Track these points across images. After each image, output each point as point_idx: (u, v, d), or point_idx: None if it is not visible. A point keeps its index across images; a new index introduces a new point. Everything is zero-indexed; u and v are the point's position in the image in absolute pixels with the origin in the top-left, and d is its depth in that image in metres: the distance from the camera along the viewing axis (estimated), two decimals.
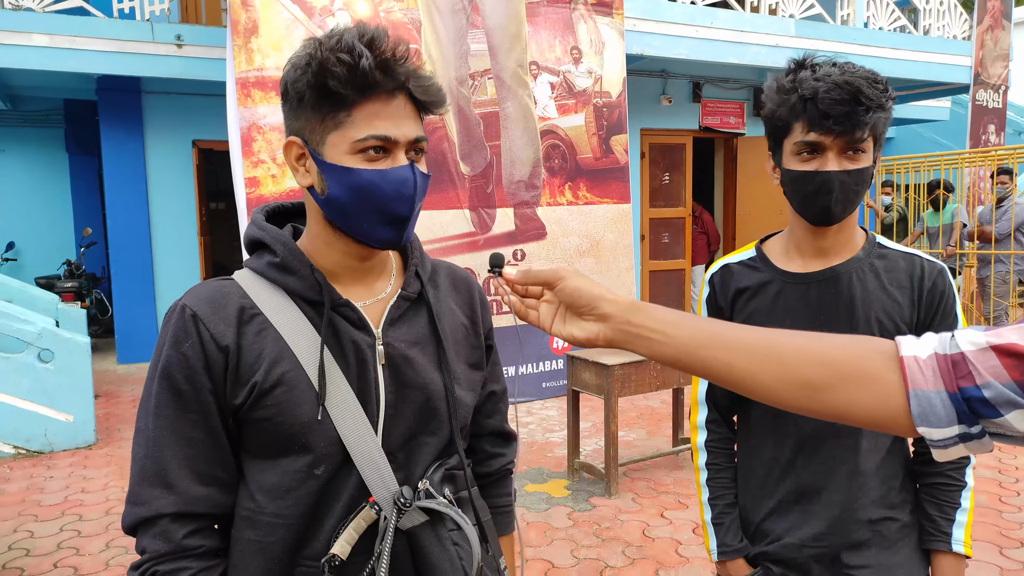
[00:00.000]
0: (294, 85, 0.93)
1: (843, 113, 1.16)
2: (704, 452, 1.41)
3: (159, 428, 0.94)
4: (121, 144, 7.45)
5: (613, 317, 0.84)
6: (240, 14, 5.09)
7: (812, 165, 1.22)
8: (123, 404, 6.07)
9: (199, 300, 0.96)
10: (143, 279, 7.65)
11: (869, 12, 8.83)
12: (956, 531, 1.30)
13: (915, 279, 1.30)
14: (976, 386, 0.66)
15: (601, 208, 6.44)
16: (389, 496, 0.96)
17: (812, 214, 1.26)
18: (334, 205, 0.95)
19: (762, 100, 1.30)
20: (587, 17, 6.43)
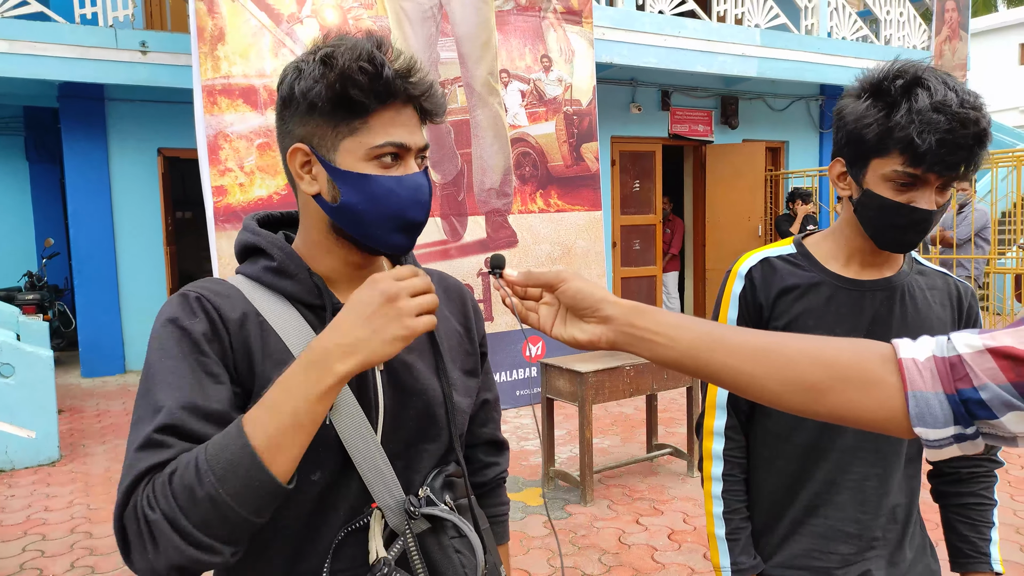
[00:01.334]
0: (305, 92, 0.90)
1: (964, 158, 1.09)
2: (721, 461, 1.32)
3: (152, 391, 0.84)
4: (84, 152, 7.29)
5: (616, 319, 0.84)
6: (206, 21, 5.02)
7: (905, 197, 1.14)
8: (87, 419, 5.92)
9: (204, 288, 0.93)
10: (107, 290, 7.49)
11: (832, 22, 9.03)
12: (993, 550, 1.31)
13: (954, 299, 1.30)
14: (973, 388, 0.67)
15: (572, 215, 6.47)
16: (393, 503, 0.95)
17: (889, 243, 1.19)
18: (347, 212, 0.93)
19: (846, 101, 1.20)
20: (557, 26, 6.46)
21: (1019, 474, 4.29)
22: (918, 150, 1.08)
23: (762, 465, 1.33)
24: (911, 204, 1.13)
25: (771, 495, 1.32)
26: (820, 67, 8.76)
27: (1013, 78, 21.45)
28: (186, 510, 0.76)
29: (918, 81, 1.10)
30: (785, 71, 8.54)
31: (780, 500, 1.31)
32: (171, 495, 0.77)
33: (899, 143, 1.10)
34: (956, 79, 1.12)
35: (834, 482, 1.27)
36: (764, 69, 8.36)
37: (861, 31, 9.29)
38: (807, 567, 1.28)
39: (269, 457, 0.78)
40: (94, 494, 4.27)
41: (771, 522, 1.32)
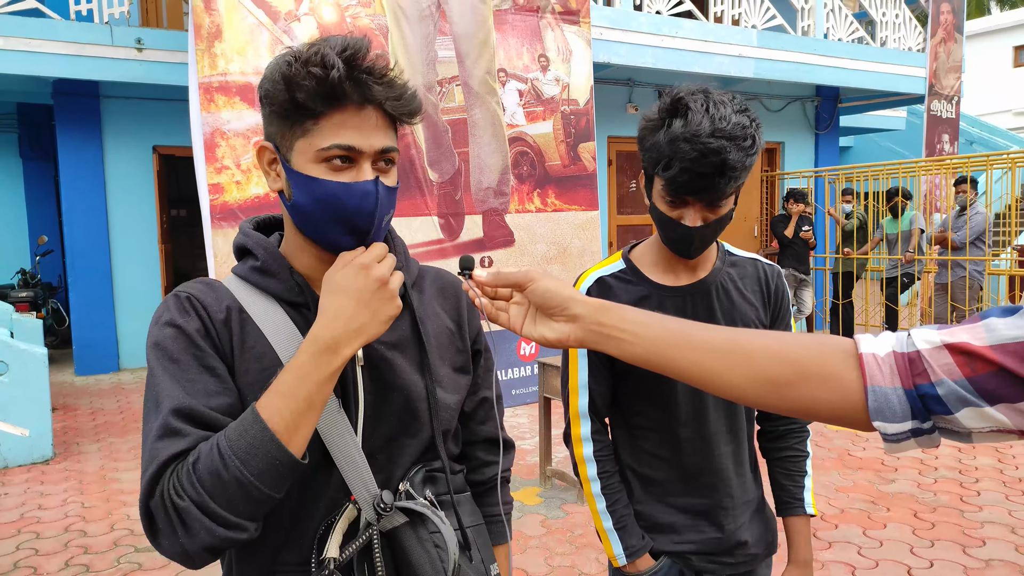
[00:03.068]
0: (267, 94, 0.94)
1: (704, 186, 1.20)
2: (593, 463, 1.43)
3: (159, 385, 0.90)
4: (78, 149, 7.25)
5: (583, 318, 0.86)
6: (203, 18, 5.00)
7: (676, 213, 1.27)
8: (82, 417, 5.89)
9: (191, 287, 0.99)
10: (102, 288, 7.45)
11: (829, 24, 9.05)
12: (806, 495, 1.48)
13: (762, 282, 1.43)
14: (931, 383, 0.68)
15: (569, 215, 6.47)
16: (369, 498, 0.97)
17: (674, 251, 1.34)
18: (299, 212, 0.96)
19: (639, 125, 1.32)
20: (554, 25, 6.46)
21: (1014, 474, 4.30)
22: (667, 177, 1.21)
23: (634, 459, 1.46)
24: (679, 220, 1.27)
25: (649, 483, 1.45)
26: (816, 68, 8.78)
27: (1007, 80, 21.55)
28: (214, 494, 0.83)
29: (680, 108, 1.21)
30: (781, 72, 8.56)
31: (658, 486, 1.44)
32: (197, 482, 0.83)
33: (658, 167, 1.23)
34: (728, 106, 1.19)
35: (704, 466, 1.41)
36: (760, 70, 8.37)
37: (857, 33, 9.31)
38: (693, 541, 1.42)
39: (287, 437, 0.86)
40: (88, 492, 4.24)
41: (653, 505, 1.45)
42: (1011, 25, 21.56)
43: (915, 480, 4.23)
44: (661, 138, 1.22)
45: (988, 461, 4.53)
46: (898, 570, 3.15)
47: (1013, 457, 4.59)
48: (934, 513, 3.75)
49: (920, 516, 3.71)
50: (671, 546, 1.42)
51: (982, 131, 15.06)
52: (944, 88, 9.86)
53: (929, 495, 4.00)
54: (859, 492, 4.06)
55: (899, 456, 4.65)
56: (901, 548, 3.35)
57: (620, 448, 1.48)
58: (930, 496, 3.98)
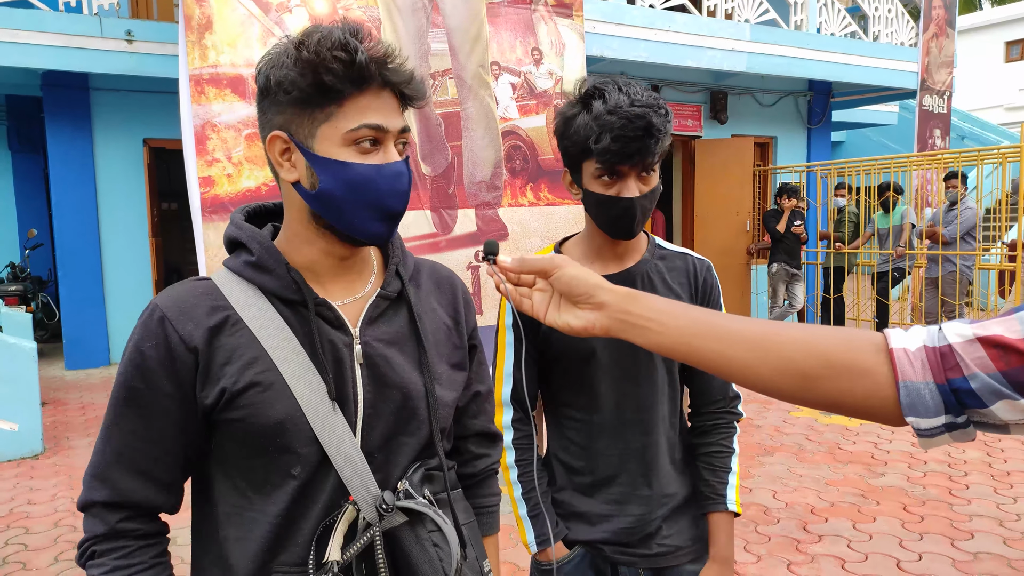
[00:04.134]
0: (280, 81, 0.92)
1: (637, 148, 1.26)
2: (512, 450, 1.46)
3: (110, 423, 0.96)
4: (68, 142, 7.19)
5: (610, 306, 0.85)
6: (194, 10, 4.96)
7: (613, 190, 1.31)
8: (71, 412, 5.86)
9: (170, 300, 0.96)
10: (92, 282, 7.40)
11: (821, 18, 9.05)
12: (730, 492, 1.47)
13: (691, 275, 1.46)
14: (963, 377, 0.67)
15: (563, 209, 6.45)
16: (369, 498, 0.96)
17: (615, 232, 1.36)
18: (325, 200, 0.93)
19: (556, 123, 1.37)
20: (547, 18, 6.44)
21: (1002, 468, 4.34)
22: (598, 150, 1.26)
23: (563, 446, 1.48)
24: (618, 195, 1.31)
25: (570, 471, 1.47)
26: (809, 63, 8.78)
27: (998, 75, 21.62)
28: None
29: (595, 92, 1.30)
30: (774, 66, 8.56)
31: (579, 475, 1.46)
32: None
33: (586, 147, 1.28)
34: (637, 86, 1.30)
35: (622, 454, 1.43)
36: (753, 64, 8.37)
37: (850, 27, 9.32)
38: (608, 529, 1.43)
39: None
40: (78, 487, 4.21)
41: (573, 494, 1.47)
42: (1002, 20, 21.63)
43: (904, 474, 4.26)
44: (584, 120, 1.28)
45: (977, 455, 4.56)
46: (887, 563, 3.17)
47: (1001, 451, 4.63)
48: (923, 506, 3.77)
49: (909, 509, 3.74)
50: (585, 535, 1.44)
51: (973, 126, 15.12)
52: (936, 83, 9.89)
53: (919, 488, 4.02)
54: (849, 486, 4.09)
55: (889, 450, 4.68)
56: (890, 541, 3.38)
57: (550, 437, 1.52)
58: (919, 489, 4.01)
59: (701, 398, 1.51)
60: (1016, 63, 21.54)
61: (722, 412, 1.50)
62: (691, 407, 1.54)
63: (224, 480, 0.99)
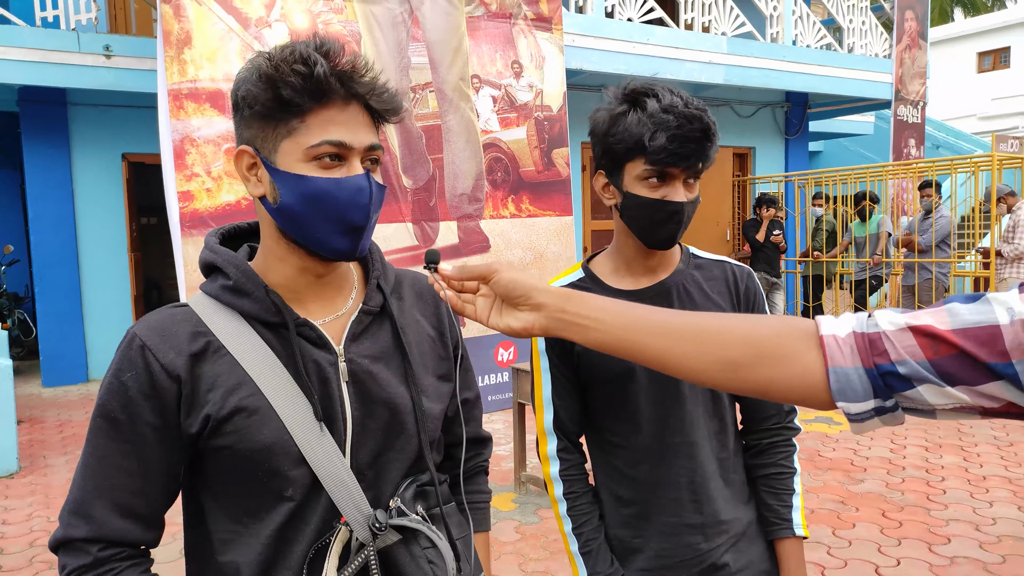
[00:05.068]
0: (245, 95, 0.92)
1: (693, 150, 1.21)
2: (560, 482, 1.37)
3: (89, 455, 0.94)
4: (46, 157, 7.13)
5: (547, 306, 0.87)
6: (173, 25, 4.96)
7: (660, 193, 1.24)
8: (48, 430, 5.78)
9: (149, 329, 0.94)
10: (70, 298, 7.32)
11: (797, 30, 9.19)
12: (795, 516, 1.38)
13: (731, 284, 1.38)
14: (891, 362, 0.70)
15: (544, 220, 6.49)
16: (361, 518, 0.95)
17: (655, 239, 1.28)
18: (286, 214, 0.93)
19: (594, 121, 1.30)
20: (527, 32, 6.49)
21: (979, 472, 4.40)
22: (654, 148, 1.20)
23: (606, 475, 1.39)
24: (665, 199, 1.24)
25: (619, 501, 1.37)
26: (785, 75, 8.91)
27: (971, 86, 22.04)
28: None
29: (647, 92, 1.24)
30: (751, 78, 8.68)
31: (628, 505, 1.36)
32: None
33: (639, 145, 1.21)
34: (680, 90, 1.26)
35: (668, 479, 1.33)
36: (731, 76, 8.48)
37: (825, 39, 9.47)
38: (664, 565, 1.33)
39: None
40: (55, 507, 4.16)
41: (624, 527, 1.37)
42: (974, 32, 22.08)
43: (883, 480, 4.30)
44: (636, 117, 1.22)
45: (954, 460, 4.62)
46: (866, 569, 3.20)
47: (978, 456, 4.69)
48: (901, 512, 3.81)
49: (888, 515, 3.78)
50: (638, 571, 1.35)
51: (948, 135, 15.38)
52: (910, 93, 10.07)
53: (897, 494, 4.07)
54: (829, 492, 4.12)
55: (868, 456, 4.73)
56: (869, 547, 3.41)
57: (595, 467, 1.43)
58: (898, 495, 4.05)
59: (753, 414, 1.41)
60: (988, 73, 21.98)
61: (778, 429, 1.40)
62: (743, 424, 1.45)
63: (216, 506, 0.98)
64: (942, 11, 22.87)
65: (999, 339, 0.65)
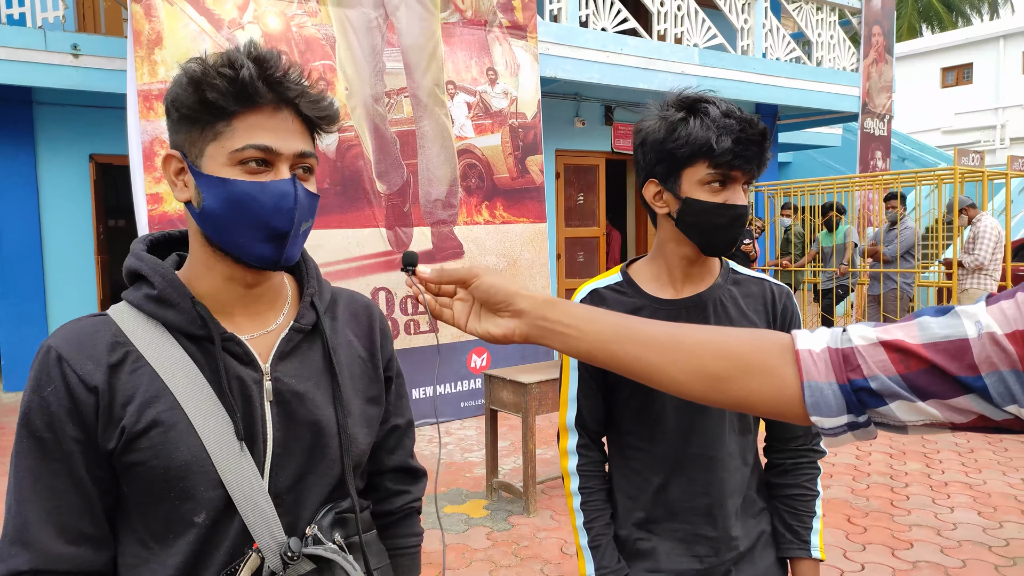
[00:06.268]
0: (174, 99, 0.91)
1: (755, 153, 1.24)
2: (576, 477, 1.39)
3: (20, 479, 0.89)
4: (10, 157, 6.98)
5: (528, 313, 0.85)
6: (143, 24, 4.89)
7: (721, 197, 1.25)
8: (8, 435, 5.64)
9: (65, 340, 0.90)
10: (34, 300, 7.16)
11: (767, 43, 9.35)
12: (814, 538, 1.39)
13: (768, 303, 1.39)
14: (864, 378, 0.70)
15: (517, 227, 6.51)
16: (274, 544, 0.91)
17: (717, 244, 1.28)
18: (209, 218, 0.90)
19: (645, 130, 1.30)
20: (502, 39, 6.52)
21: (941, 478, 4.49)
22: (721, 151, 1.22)
23: (623, 477, 1.40)
24: (728, 203, 1.25)
25: (634, 503, 1.38)
26: (755, 86, 9.06)
27: (935, 100, 22.59)
28: None
29: (703, 99, 1.28)
30: (722, 89, 8.78)
31: (642, 508, 1.37)
32: None
33: (703, 149, 1.23)
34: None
35: (687, 490, 1.33)
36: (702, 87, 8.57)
37: (794, 52, 9.65)
38: (671, 570, 1.34)
39: None
40: None
41: (635, 529, 1.38)
42: (938, 48, 22.65)
43: (849, 486, 4.38)
44: (699, 122, 1.23)
45: (917, 466, 4.72)
46: (831, 573, 3.25)
47: (940, 462, 4.80)
48: (866, 518, 3.88)
49: (853, 521, 3.85)
50: (644, 572, 1.35)
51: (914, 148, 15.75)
52: (876, 107, 10.29)
53: (862, 500, 4.14)
54: None
55: (834, 463, 4.81)
56: (835, 552, 3.47)
57: (613, 468, 1.43)
58: (863, 501, 4.13)
59: (779, 433, 1.41)
60: (951, 88, 22.55)
61: (804, 450, 1.40)
62: (767, 442, 1.45)
63: (125, 529, 0.93)
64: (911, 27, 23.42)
65: (968, 352, 0.66)
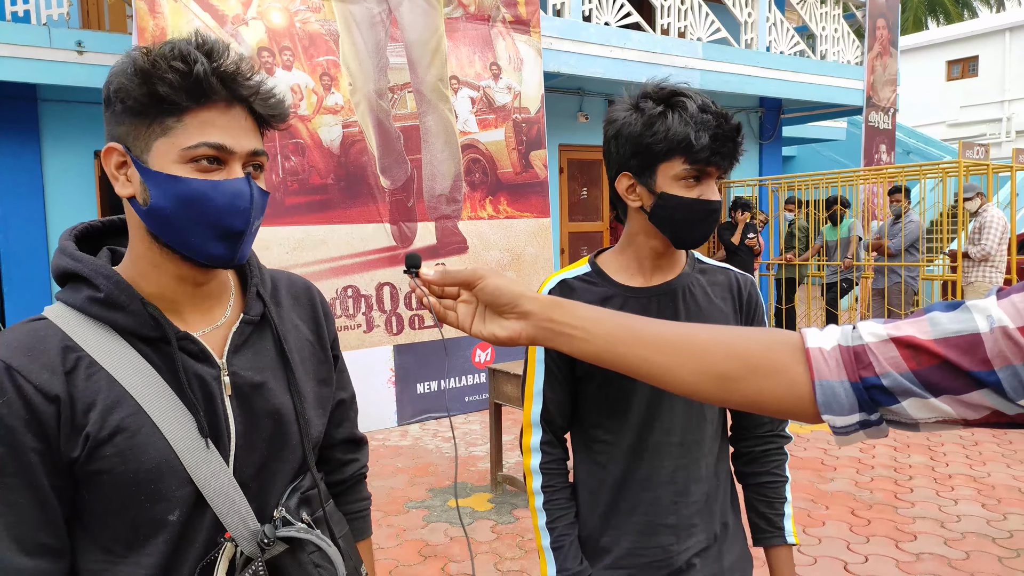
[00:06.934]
0: (118, 89, 0.87)
1: (731, 148, 1.24)
2: (539, 475, 1.36)
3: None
4: (14, 155, 7.01)
5: (535, 315, 0.84)
6: (147, 21, 4.91)
7: (696, 192, 1.26)
8: None
9: (13, 349, 0.86)
10: (40, 298, 7.20)
11: (771, 37, 9.33)
12: (786, 524, 1.40)
13: (734, 291, 1.40)
14: (876, 375, 0.69)
15: (521, 222, 6.52)
16: (247, 532, 0.93)
17: (689, 238, 1.29)
18: (157, 216, 0.87)
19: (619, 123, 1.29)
20: (505, 34, 6.52)
21: (944, 471, 4.50)
22: (699, 147, 1.22)
23: (587, 472, 1.39)
24: (703, 198, 1.26)
25: (595, 499, 1.37)
26: (759, 80, 9.03)
27: (940, 94, 22.50)
28: None
29: (680, 93, 1.26)
30: (726, 83, 8.79)
31: (604, 502, 1.36)
32: None
33: (680, 144, 1.22)
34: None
35: (650, 478, 1.33)
36: (706, 81, 8.58)
37: (798, 46, 9.62)
38: (633, 565, 1.34)
39: None
40: None
41: (597, 525, 1.37)
42: (943, 40, 22.54)
43: (853, 479, 4.39)
44: (677, 117, 1.23)
45: (921, 459, 4.72)
46: (835, 566, 3.27)
47: (944, 455, 4.80)
48: (870, 510, 3.89)
49: (857, 513, 3.86)
50: (606, 569, 1.35)
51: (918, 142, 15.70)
52: (881, 100, 10.26)
53: (866, 493, 4.15)
54: (800, 491, 4.20)
55: (838, 456, 4.81)
56: (839, 544, 3.48)
57: (577, 463, 1.42)
58: (867, 494, 4.14)
59: (746, 421, 1.42)
60: (956, 82, 22.45)
61: (771, 436, 1.41)
62: (734, 431, 1.45)
63: (87, 541, 0.92)
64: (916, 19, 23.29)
65: (980, 347, 0.65)
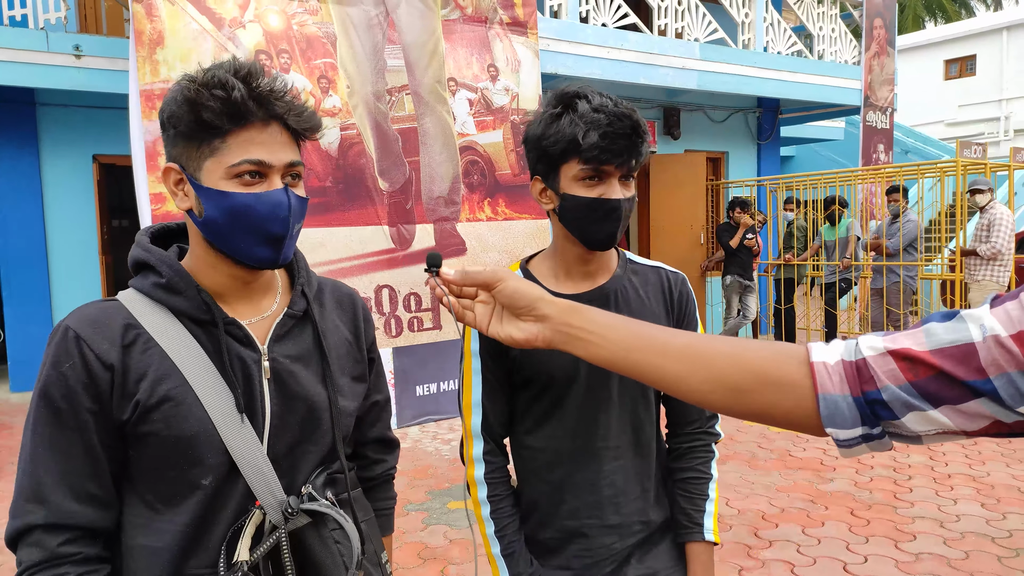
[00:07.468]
0: (170, 116, 0.99)
1: (625, 146, 1.23)
2: (484, 485, 1.36)
3: (36, 444, 0.98)
4: (13, 159, 7.01)
5: (552, 318, 0.87)
6: (145, 24, 4.91)
7: (596, 192, 1.25)
8: (16, 436, 5.68)
9: (82, 321, 1.00)
10: (39, 302, 7.20)
11: (768, 37, 9.34)
12: (707, 521, 1.40)
13: (665, 290, 1.40)
14: (877, 390, 0.70)
15: (520, 223, 6.52)
16: (275, 502, 1.03)
17: (595, 239, 1.29)
18: (211, 227, 1.00)
19: (529, 127, 1.31)
20: (503, 36, 6.52)
21: (944, 471, 4.50)
22: (587, 146, 1.22)
23: (529, 478, 1.40)
24: (602, 197, 1.25)
25: (539, 503, 1.39)
26: (757, 80, 9.04)
27: (938, 93, 22.52)
28: None
29: (578, 95, 1.27)
30: (724, 84, 8.79)
31: (548, 505, 1.38)
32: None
33: (573, 145, 1.23)
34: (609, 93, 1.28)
35: (589, 482, 1.35)
36: (704, 82, 8.58)
37: (796, 46, 9.63)
38: (580, 566, 1.36)
39: None
40: None
41: (543, 528, 1.39)
42: (941, 39, 22.57)
43: (852, 479, 4.39)
44: (569, 118, 1.24)
45: (920, 459, 4.72)
46: (834, 566, 3.27)
47: (943, 455, 4.80)
48: (869, 510, 3.89)
49: (856, 513, 3.86)
50: (556, 569, 1.37)
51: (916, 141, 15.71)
52: (879, 100, 10.26)
53: (865, 493, 4.15)
54: (799, 492, 4.20)
55: (838, 456, 4.81)
56: (838, 545, 3.48)
57: (518, 470, 1.44)
58: (866, 494, 4.14)
59: (677, 418, 1.43)
60: (954, 81, 22.47)
61: (699, 433, 1.43)
62: (668, 428, 1.47)
63: (131, 494, 1.04)
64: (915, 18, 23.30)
65: (974, 356, 0.66)
